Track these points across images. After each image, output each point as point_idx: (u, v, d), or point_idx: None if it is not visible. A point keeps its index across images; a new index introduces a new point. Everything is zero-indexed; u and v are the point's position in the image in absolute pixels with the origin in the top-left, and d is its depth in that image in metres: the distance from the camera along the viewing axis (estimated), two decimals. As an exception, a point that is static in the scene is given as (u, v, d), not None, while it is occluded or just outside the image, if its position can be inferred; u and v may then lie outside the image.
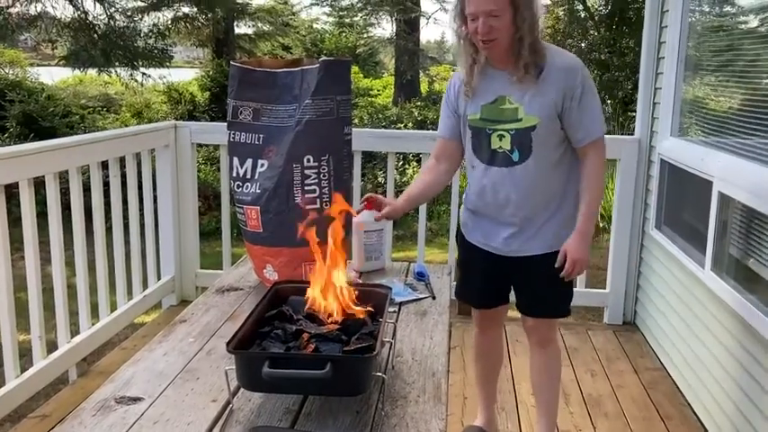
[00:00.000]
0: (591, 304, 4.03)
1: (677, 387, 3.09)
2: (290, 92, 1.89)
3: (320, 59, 1.86)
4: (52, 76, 13.41)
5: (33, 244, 2.70)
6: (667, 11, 3.46)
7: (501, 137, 2.07)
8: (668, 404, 2.97)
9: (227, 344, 1.30)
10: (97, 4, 8.79)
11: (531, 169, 2.08)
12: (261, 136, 1.92)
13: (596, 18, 10.47)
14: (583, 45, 10.48)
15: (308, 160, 1.85)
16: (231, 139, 1.95)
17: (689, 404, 2.94)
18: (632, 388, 3.10)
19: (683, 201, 3.24)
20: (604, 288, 3.87)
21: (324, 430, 1.29)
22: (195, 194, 3.95)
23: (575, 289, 3.75)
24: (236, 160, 1.95)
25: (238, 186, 1.95)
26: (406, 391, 1.46)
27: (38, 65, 14.48)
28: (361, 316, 1.48)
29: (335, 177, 1.89)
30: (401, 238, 7.07)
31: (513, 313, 3.22)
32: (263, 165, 1.91)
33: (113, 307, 3.36)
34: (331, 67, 1.86)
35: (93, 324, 3.17)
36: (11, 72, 12.72)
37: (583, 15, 10.53)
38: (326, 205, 1.88)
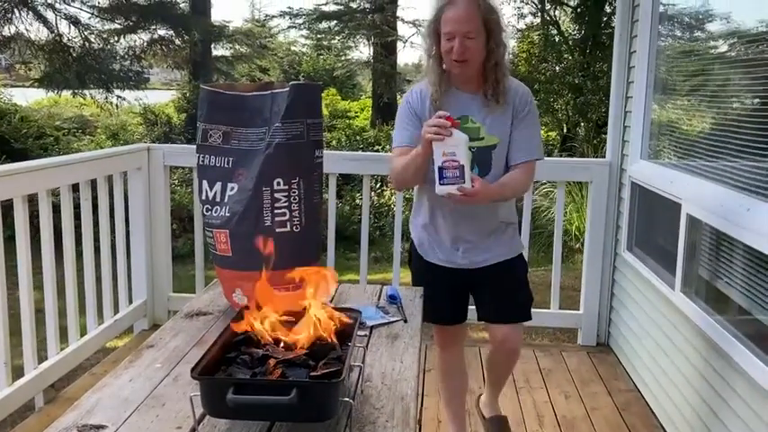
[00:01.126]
0: (565, 326, 4.06)
1: (650, 409, 3.10)
2: (261, 115, 1.89)
3: (290, 83, 1.87)
4: (26, 97, 13.30)
5: (0, 269, 2.66)
6: (636, 36, 3.53)
7: None
8: (642, 426, 2.97)
9: (192, 369, 1.28)
10: (72, 27, 8.77)
11: None
12: (230, 159, 1.91)
13: (570, 42, 10.64)
14: (557, 69, 10.62)
15: (278, 183, 1.84)
16: (200, 163, 1.94)
17: (662, 426, 2.95)
18: (606, 410, 3.11)
19: (654, 223, 3.28)
20: (578, 309, 3.89)
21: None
22: (168, 217, 3.92)
23: (548, 311, 3.86)
24: (205, 183, 1.94)
25: (207, 210, 1.94)
26: (374, 416, 1.45)
27: (11, 86, 14.35)
28: (330, 340, 1.47)
29: (306, 200, 1.88)
30: (378, 260, 7.06)
31: (474, 333, 3.21)
32: (232, 188, 1.90)
33: (83, 331, 3.31)
34: (301, 90, 1.87)
35: (62, 349, 3.12)
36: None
37: (557, 40, 10.69)
38: (297, 229, 1.88)
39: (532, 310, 3.68)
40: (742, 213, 2.27)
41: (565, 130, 11.81)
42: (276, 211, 1.86)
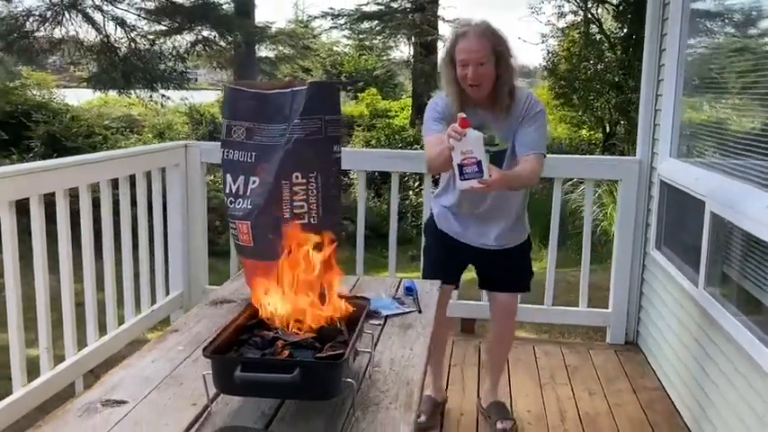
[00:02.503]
0: (593, 324, 4.05)
1: (675, 408, 3.09)
2: (281, 112, 1.98)
3: (309, 81, 1.95)
4: (78, 97, 13.72)
5: (42, 258, 2.80)
6: (666, 34, 3.52)
7: None
8: (665, 423, 2.97)
9: (204, 349, 1.37)
10: (118, 28, 9.06)
11: None
12: (253, 154, 2.00)
13: (612, 40, 10.53)
14: (599, 67, 10.52)
15: (297, 177, 1.93)
16: (225, 157, 2.04)
17: (686, 425, 2.94)
18: (630, 407, 3.11)
19: (680, 221, 3.27)
20: (607, 308, 3.89)
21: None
22: (205, 213, 4.04)
23: (576, 309, 3.86)
24: (229, 177, 2.03)
25: (231, 202, 2.03)
26: (379, 398, 1.52)
27: (65, 86, 14.80)
28: (338, 325, 1.54)
29: (324, 194, 1.96)
30: (415, 258, 7.06)
31: (521, 333, 3.29)
32: (254, 181, 1.99)
33: (121, 321, 3.45)
34: (319, 88, 1.94)
35: (100, 337, 3.26)
36: (38, 94, 13.05)
37: (598, 38, 10.59)
38: (314, 221, 1.96)
39: (560, 308, 3.82)
40: (764, 212, 2.26)
41: (608, 130, 11.69)
42: (295, 204, 1.94)
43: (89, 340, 3.18)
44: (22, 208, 2.67)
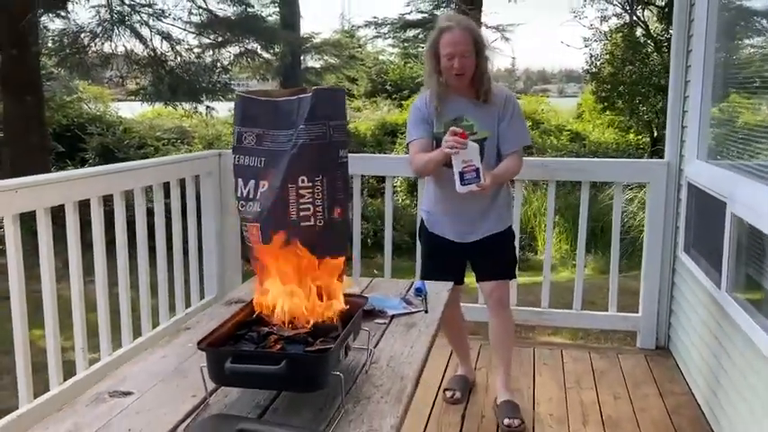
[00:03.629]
0: (623, 328, 4.01)
1: (702, 412, 3.05)
2: (289, 118, 2.04)
3: (314, 88, 2.02)
4: (133, 110, 14.16)
5: (77, 264, 2.93)
6: (692, 35, 3.48)
7: None
8: (689, 428, 2.94)
9: (199, 342, 1.45)
10: (164, 42, 9.37)
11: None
12: (262, 159, 2.07)
13: (657, 42, 10.34)
14: (644, 70, 10.35)
15: (303, 181, 1.99)
16: (236, 162, 2.11)
17: (711, 429, 2.90)
18: (654, 411, 3.08)
19: (706, 223, 3.22)
20: (637, 312, 3.85)
21: (284, 422, 1.42)
22: (238, 218, 4.14)
23: (605, 313, 3.84)
24: (240, 181, 2.11)
25: (242, 206, 2.11)
26: (371, 392, 1.57)
27: (120, 100, 15.29)
28: (333, 322, 1.60)
29: (329, 197, 2.02)
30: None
31: (541, 337, 3.27)
32: (263, 185, 2.06)
33: (155, 324, 3.57)
34: (323, 94, 2.00)
35: (135, 339, 3.39)
36: (93, 107, 13.53)
37: (643, 41, 10.42)
38: (320, 223, 2.02)
39: (589, 312, 3.85)
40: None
41: (655, 134, 11.49)
42: (301, 207, 2.00)
43: (124, 342, 3.31)
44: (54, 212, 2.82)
